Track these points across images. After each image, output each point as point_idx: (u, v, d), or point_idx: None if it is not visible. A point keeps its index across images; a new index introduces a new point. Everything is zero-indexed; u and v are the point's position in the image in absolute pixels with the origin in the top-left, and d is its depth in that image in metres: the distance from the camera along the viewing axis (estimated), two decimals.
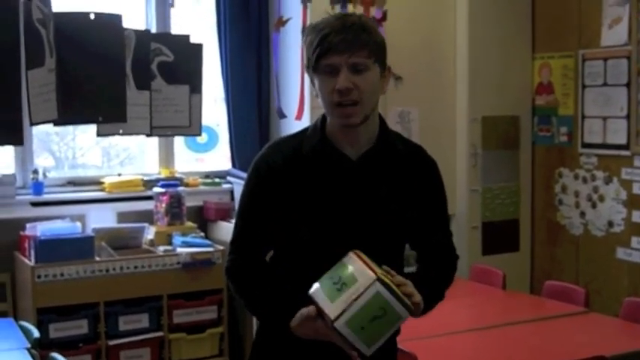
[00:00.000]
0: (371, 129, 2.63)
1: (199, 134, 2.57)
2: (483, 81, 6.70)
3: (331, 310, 2.33)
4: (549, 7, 6.78)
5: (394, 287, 2.35)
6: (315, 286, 2.43)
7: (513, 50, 6.87)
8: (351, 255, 2.45)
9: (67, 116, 1.68)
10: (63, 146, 6.63)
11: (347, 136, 2.57)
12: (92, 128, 2.04)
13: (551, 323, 4.64)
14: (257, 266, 2.66)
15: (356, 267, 2.38)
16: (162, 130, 2.00)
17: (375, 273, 2.34)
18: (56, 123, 1.71)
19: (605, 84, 6.33)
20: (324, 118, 2.62)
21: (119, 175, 6.30)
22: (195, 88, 2.16)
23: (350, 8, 5.46)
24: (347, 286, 2.34)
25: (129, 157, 6.77)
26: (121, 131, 1.91)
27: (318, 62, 2.47)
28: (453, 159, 6.76)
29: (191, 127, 2.06)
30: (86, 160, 6.72)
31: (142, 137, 5.79)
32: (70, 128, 6.44)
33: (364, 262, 2.40)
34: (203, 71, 2.31)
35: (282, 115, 6.02)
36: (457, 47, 6.71)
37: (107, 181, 6.13)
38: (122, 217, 6.09)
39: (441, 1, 6.66)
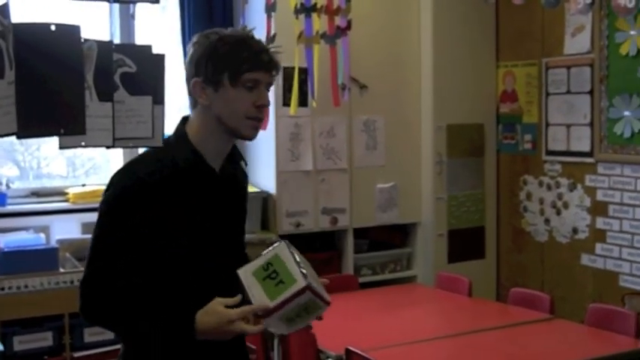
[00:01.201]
0: None
1: (161, 145, 2.57)
2: (448, 89, 6.73)
3: (267, 303, 2.42)
4: (513, 16, 6.81)
5: (319, 290, 2.54)
6: (246, 271, 2.49)
7: (478, 58, 6.90)
8: (284, 247, 2.53)
9: (28, 129, 1.67)
10: (27, 156, 6.58)
11: (218, 149, 2.64)
12: (55, 139, 2.03)
13: (517, 330, 4.66)
14: (120, 293, 2.50)
15: (290, 265, 2.48)
16: (124, 141, 2.00)
17: (306, 277, 2.47)
18: (18, 136, 1.70)
19: (568, 92, 6.37)
20: (183, 131, 2.62)
21: (83, 185, 6.26)
22: (158, 98, 2.16)
23: (315, 17, 5.46)
24: (284, 285, 2.45)
25: (94, 166, 6.72)
26: (83, 143, 1.90)
27: (241, 75, 2.52)
28: (419, 167, 6.78)
29: (154, 138, 2.05)
30: (51, 169, 6.67)
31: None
32: (33, 139, 6.41)
33: (294, 259, 2.51)
34: (165, 82, 2.31)
35: None
36: (422, 55, 6.74)
37: (71, 191, 6.09)
38: (87, 227, 6.03)
39: (405, 10, 6.68)
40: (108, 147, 2.18)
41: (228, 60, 2.52)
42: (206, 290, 2.51)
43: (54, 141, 2.27)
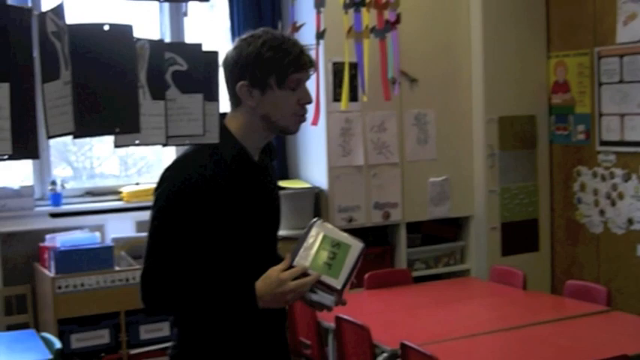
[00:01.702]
0: None
1: (217, 142, 2.60)
2: (499, 81, 6.69)
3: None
4: (564, 5, 6.75)
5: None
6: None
7: (528, 49, 6.85)
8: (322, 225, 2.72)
9: (84, 129, 1.68)
10: (80, 156, 6.65)
11: (259, 143, 2.81)
12: (109, 138, 2.05)
13: (573, 323, 4.62)
14: (181, 278, 2.65)
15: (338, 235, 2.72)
16: (179, 139, 2.02)
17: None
18: (75, 136, 1.72)
19: (621, 81, 6.30)
20: (225, 127, 2.73)
21: (137, 184, 6.33)
22: (211, 96, 2.19)
23: (364, 12, 5.45)
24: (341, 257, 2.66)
25: (146, 165, 6.78)
26: (137, 142, 1.92)
27: (288, 76, 2.68)
28: (470, 160, 6.75)
29: (206, 135, 2.07)
30: (104, 169, 6.74)
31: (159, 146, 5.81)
32: (86, 138, 6.47)
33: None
34: (218, 79, 2.34)
35: None
36: (472, 48, 6.70)
37: (125, 190, 6.15)
38: (141, 226, 6.09)
39: (454, 2, 6.66)
40: (163, 145, 2.20)
41: (273, 64, 2.67)
42: (258, 268, 2.66)
43: (106, 141, 2.31)
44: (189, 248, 2.63)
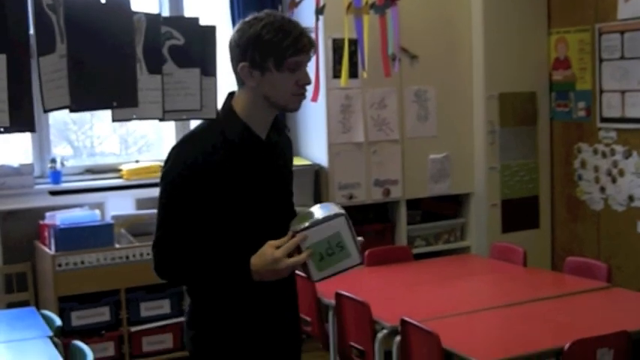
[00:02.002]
0: None
1: (214, 117, 2.61)
2: (499, 57, 6.67)
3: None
4: None
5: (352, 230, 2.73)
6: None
7: (529, 26, 6.82)
8: (344, 223, 2.73)
9: (80, 102, 1.67)
10: (81, 135, 6.65)
11: (264, 121, 2.87)
12: (108, 116, 2.06)
13: (573, 299, 4.62)
14: (189, 253, 2.77)
15: (348, 241, 2.73)
16: (176, 114, 2.02)
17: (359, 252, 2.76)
18: (71, 109, 1.71)
19: (622, 57, 6.27)
20: (230, 106, 2.84)
21: (137, 162, 6.31)
22: (208, 70, 2.19)
23: None
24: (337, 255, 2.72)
25: (146, 144, 6.77)
26: (134, 116, 1.92)
27: (285, 59, 2.73)
28: (471, 137, 6.74)
29: (203, 110, 2.07)
30: (104, 148, 6.73)
31: (159, 123, 5.80)
32: (87, 117, 6.46)
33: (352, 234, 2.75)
34: (216, 54, 2.34)
35: None
36: (472, 24, 6.67)
37: (125, 168, 6.14)
38: (141, 203, 6.09)
39: None
40: (160, 120, 2.20)
41: (272, 47, 2.72)
42: (261, 243, 2.73)
43: (107, 119, 2.31)
44: (194, 223, 2.75)
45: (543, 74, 6.93)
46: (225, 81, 2.79)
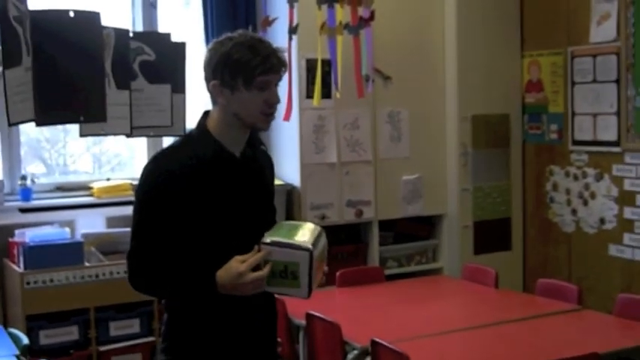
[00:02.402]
0: None
1: (183, 134, 2.61)
2: (473, 80, 6.69)
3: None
4: (537, 5, 6.77)
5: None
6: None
7: (502, 48, 6.85)
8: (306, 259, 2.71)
9: (45, 116, 1.65)
10: (54, 153, 6.60)
11: (237, 138, 2.91)
12: (81, 133, 2.05)
13: (544, 321, 4.62)
14: (161, 265, 2.81)
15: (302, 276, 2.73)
16: (145, 130, 2.00)
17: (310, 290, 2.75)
18: (37, 123, 1.68)
19: (594, 80, 6.31)
20: (204, 124, 2.90)
21: (108, 180, 6.26)
22: (178, 87, 2.18)
23: (337, 8, 5.43)
24: (288, 281, 2.73)
25: (120, 163, 6.73)
26: (102, 131, 1.90)
27: (254, 78, 2.78)
28: (444, 158, 6.75)
29: (173, 127, 2.06)
30: (77, 167, 6.68)
31: (132, 142, 5.77)
32: (60, 135, 6.41)
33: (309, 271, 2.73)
34: (186, 71, 2.34)
35: None
36: (446, 46, 6.70)
37: (96, 186, 6.09)
38: (112, 222, 6.04)
39: (429, 1, 6.64)
40: (128, 136, 2.18)
41: (241, 65, 2.78)
42: (225, 259, 2.75)
43: (79, 138, 2.27)
44: (165, 235, 2.79)
45: (516, 97, 6.96)
46: (196, 98, 2.79)
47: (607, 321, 4.66)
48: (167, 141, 6.03)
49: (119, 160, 6.73)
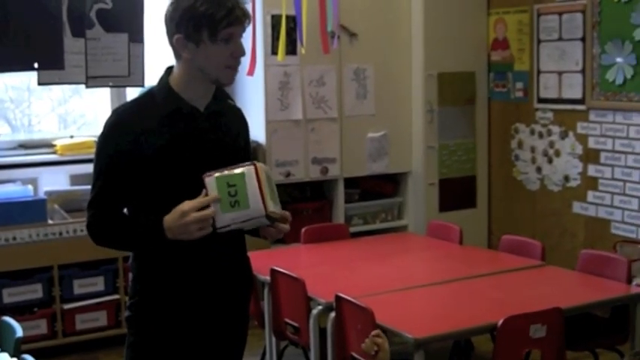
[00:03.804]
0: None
1: (142, 85, 2.56)
2: (439, 37, 6.66)
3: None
4: None
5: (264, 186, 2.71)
6: (211, 181, 2.71)
7: (468, 6, 6.83)
8: (252, 173, 2.71)
9: (0, 64, 1.61)
10: (18, 114, 6.53)
11: (201, 93, 2.88)
12: (47, 94, 2.02)
13: (508, 276, 4.64)
14: (118, 214, 2.86)
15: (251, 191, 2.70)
16: (102, 80, 1.97)
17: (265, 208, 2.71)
18: None
19: (560, 38, 6.31)
20: (166, 79, 2.89)
21: (71, 137, 6.20)
22: (136, 37, 2.15)
23: None
24: (239, 205, 2.70)
25: (85, 123, 6.67)
26: (57, 79, 1.87)
27: (219, 31, 2.76)
28: (409, 116, 6.74)
29: (131, 77, 2.02)
30: (42, 127, 6.61)
31: (99, 102, 5.69)
32: (24, 95, 6.34)
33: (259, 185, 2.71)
34: (144, 20, 2.31)
35: None
36: (412, 3, 6.66)
37: (59, 143, 6.03)
38: (75, 179, 6.00)
39: None
40: (86, 85, 2.14)
41: (205, 18, 2.74)
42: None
43: (46, 97, 2.25)
44: (123, 186, 2.80)
45: (482, 54, 6.95)
46: (156, 49, 2.75)
47: (570, 277, 4.69)
48: (130, 96, 6.01)
49: (84, 120, 6.67)
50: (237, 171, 2.70)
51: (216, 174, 2.70)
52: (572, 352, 4.36)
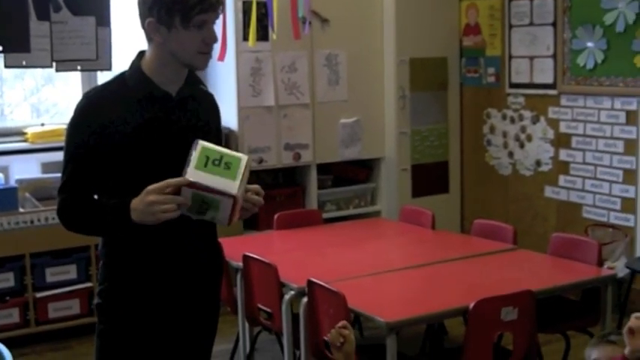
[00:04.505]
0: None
1: (109, 69, 2.55)
2: (411, 22, 6.67)
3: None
4: None
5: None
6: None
7: None
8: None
9: None
10: None
11: (173, 77, 2.86)
12: (19, 83, 2.02)
13: (480, 260, 4.65)
14: (88, 199, 2.83)
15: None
16: (70, 63, 1.95)
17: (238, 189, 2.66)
18: None
19: (531, 23, 6.34)
20: (137, 63, 2.86)
21: (42, 125, 6.17)
22: (103, 20, 2.14)
23: None
24: (228, 171, 2.65)
25: (58, 112, 6.62)
26: (24, 62, 1.85)
27: (192, 17, 2.73)
28: (381, 102, 6.74)
29: (99, 60, 2.00)
30: (15, 116, 6.56)
31: (71, 90, 5.64)
32: None
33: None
34: (111, 3, 2.29)
35: None
36: None
37: (30, 131, 5.99)
38: (46, 167, 5.96)
39: None
40: (53, 69, 2.13)
41: (178, 4, 2.71)
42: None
43: (18, 86, 2.25)
44: (92, 170, 2.77)
45: (454, 40, 6.96)
46: (124, 33, 2.73)
47: (541, 260, 4.71)
48: (101, 81, 5.98)
49: (57, 109, 6.63)
50: (236, 154, 2.70)
51: (191, 165, 2.64)
52: (544, 335, 4.40)
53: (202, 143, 2.68)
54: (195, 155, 2.64)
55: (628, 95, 5.70)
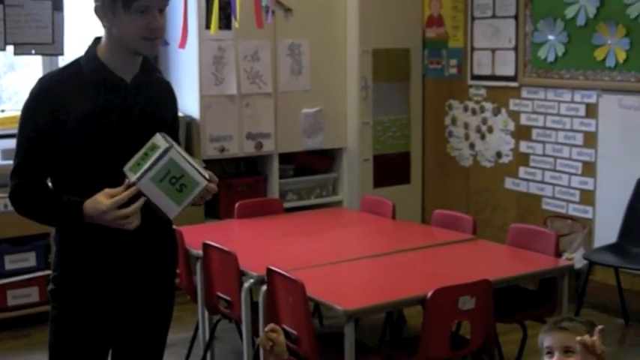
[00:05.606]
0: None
1: (62, 54, 2.56)
2: (374, 13, 6.68)
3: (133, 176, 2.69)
4: None
5: (188, 158, 2.74)
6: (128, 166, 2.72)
7: None
8: (175, 152, 2.72)
9: None
10: None
11: (126, 63, 2.85)
12: None
13: (439, 250, 4.68)
14: (41, 185, 2.82)
15: (187, 167, 2.72)
16: (26, 47, 1.94)
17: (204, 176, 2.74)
18: None
19: (494, 16, 6.37)
20: (92, 49, 2.86)
21: (2, 111, 6.11)
22: (58, 5, 2.13)
23: None
24: (187, 188, 2.72)
25: (21, 100, 6.56)
26: None
27: (133, 2, 2.71)
28: (344, 92, 6.76)
29: (55, 45, 2.00)
30: None
31: (33, 78, 5.59)
32: None
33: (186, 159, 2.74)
34: None
35: (165, 43, 5.94)
36: None
37: None
38: (6, 154, 5.89)
39: None
40: (15, 53, 2.12)
41: None
42: (110, 183, 2.73)
43: None
44: (44, 155, 2.76)
45: (417, 31, 6.98)
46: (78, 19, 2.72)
47: (499, 250, 4.75)
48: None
49: (20, 97, 6.56)
50: (196, 178, 2.71)
51: (149, 173, 2.67)
52: (502, 324, 4.42)
53: (172, 153, 2.68)
54: (160, 164, 2.66)
55: (588, 88, 5.76)
